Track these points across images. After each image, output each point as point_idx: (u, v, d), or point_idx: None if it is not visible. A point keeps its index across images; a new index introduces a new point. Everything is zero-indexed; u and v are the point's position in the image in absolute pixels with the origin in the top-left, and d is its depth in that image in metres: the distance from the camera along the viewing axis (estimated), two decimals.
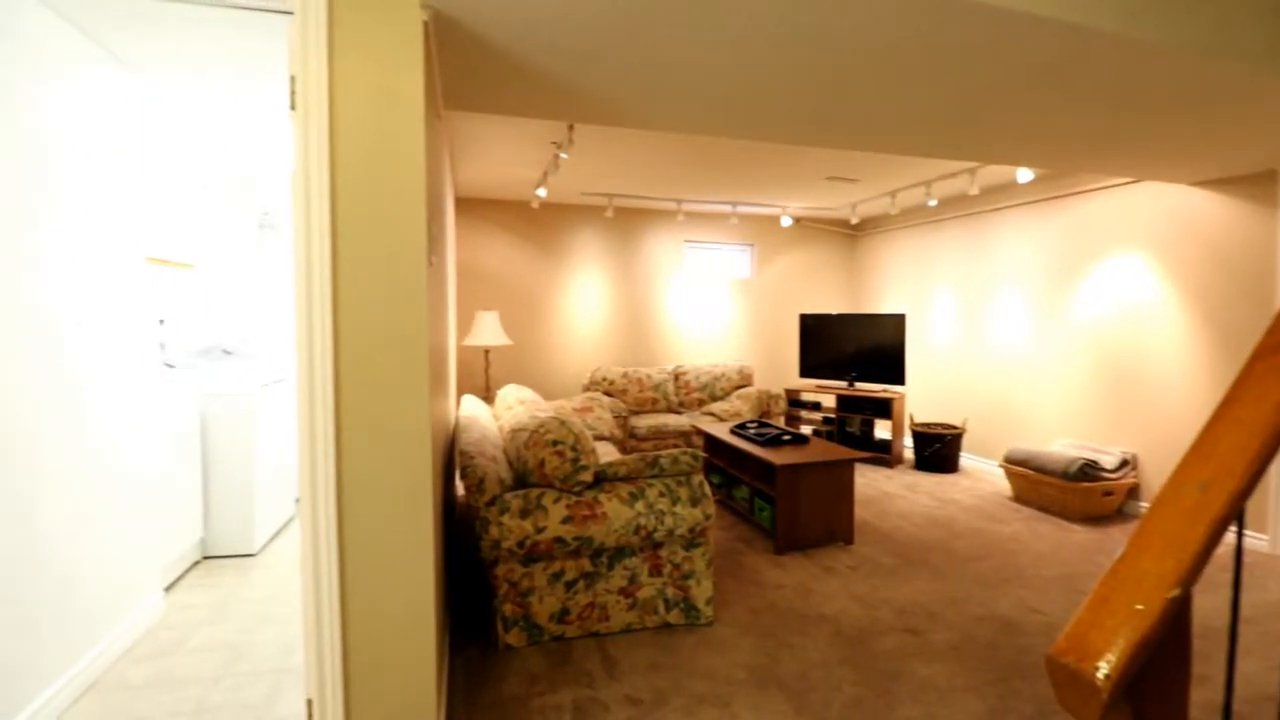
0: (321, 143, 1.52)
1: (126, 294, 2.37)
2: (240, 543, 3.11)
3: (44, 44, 1.96)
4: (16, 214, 1.83)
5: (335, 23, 1.52)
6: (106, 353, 2.22)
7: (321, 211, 1.51)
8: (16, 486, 1.77)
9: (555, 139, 3.81)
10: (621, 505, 2.31)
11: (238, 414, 3.12)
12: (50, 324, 1.94)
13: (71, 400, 2.02)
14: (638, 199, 5.57)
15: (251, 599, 2.67)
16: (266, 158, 3.91)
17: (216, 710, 1.92)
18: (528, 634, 2.29)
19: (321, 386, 1.50)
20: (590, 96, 2.37)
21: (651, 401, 5.42)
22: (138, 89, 2.57)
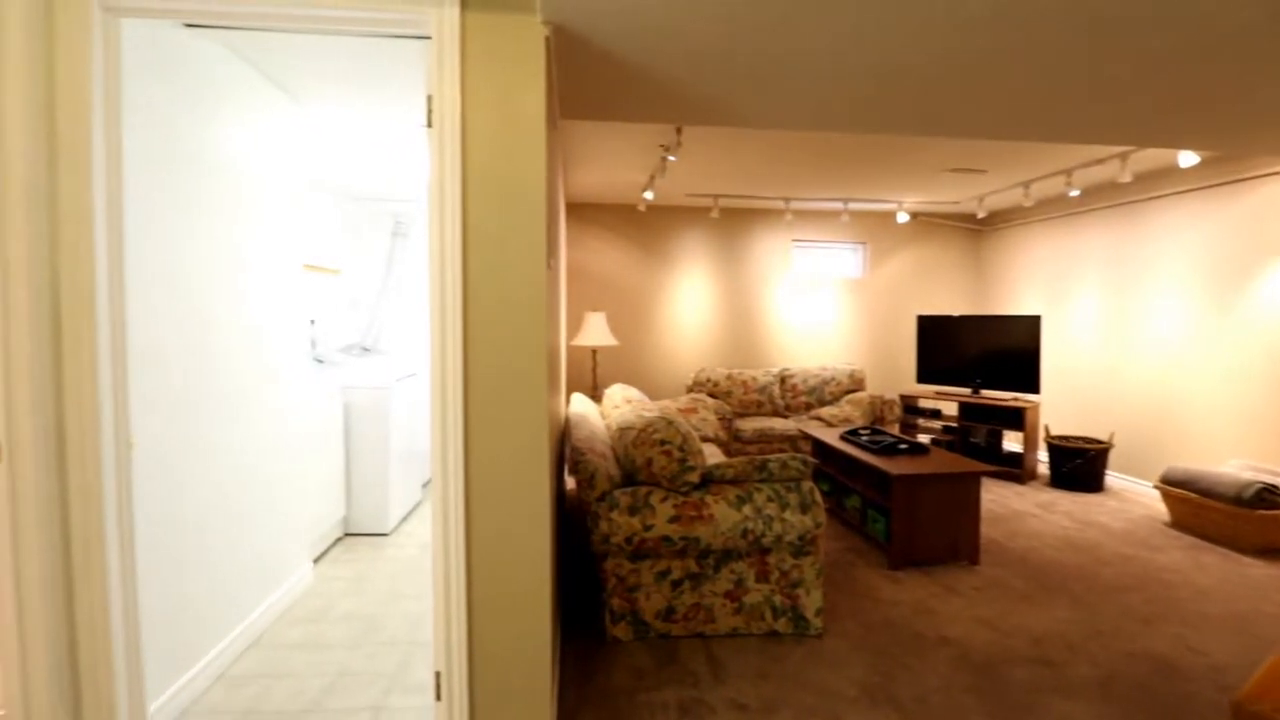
0: (454, 156, 1.63)
1: (288, 297, 2.67)
2: (376, 523, 3.41)
3: (225, 80, 2.25)
4: (218, 227, 2.13)
5: (466, 44, 1.64)
6: (276, 349, 2.52)
7: (454, 220, 1.63)
8: (217, 460, 2.06)
9: (663, 142, 3.86)
10: (729, 508, 2.30)
11: (374, 406, 3.43)
12: (249, 323, 2.24)
13: (255, 386, 2.32)
14: (744, 199, 5.50)
15: (385, 575, 2.92)
16: (399, 171, 4.26)
17: (356, 675, 2.12)
18: (634, 629, 2.34)
19: (453, 381, 1.62)
20: (704, 98, 2.38)
21: (756, 404, 5.33)
22: (299, 115, 2.89)
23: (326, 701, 1.96)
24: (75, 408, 1.54)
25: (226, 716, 1.88)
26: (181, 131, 1.99)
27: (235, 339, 2.26)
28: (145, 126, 1.81)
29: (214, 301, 2.14)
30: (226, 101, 2.24)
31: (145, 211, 1.80)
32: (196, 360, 2.03)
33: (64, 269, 1.54)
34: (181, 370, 1.95)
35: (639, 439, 2.38)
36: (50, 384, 1.52)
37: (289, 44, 2.21)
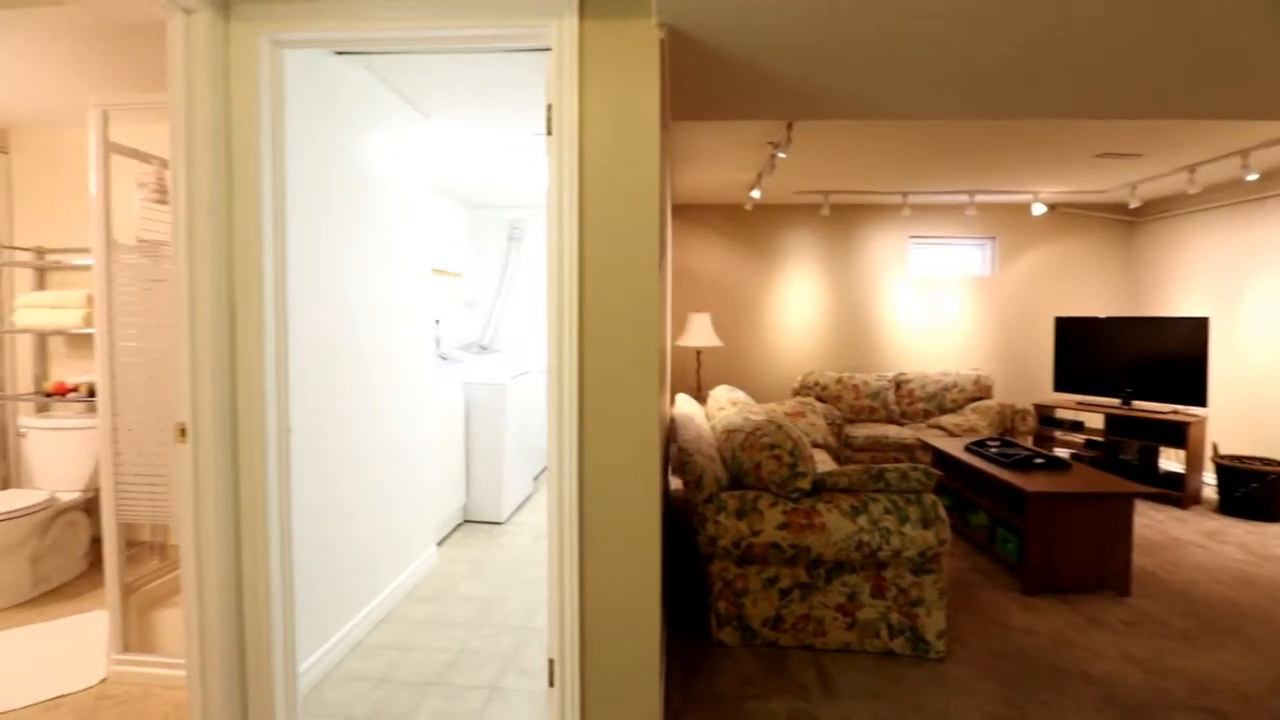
0: (572, 162, 1.68)
1: (420, 299, 2.89)
2: (492, 511, 3.61)
3: (368, 100, 2.46)
4: (361, 235, 2.34)
5: (585, 52, 1.68)
6: (409, 346, 2.74)
7: (571, 223, 1.68)
8: (360, 447, 2.27)
9: (772, 139, 3.77)
10: (842, 518, 2.21)
11: (491, 401, 3.62)
12: (383, 324, 2.46)
13: (392, 381, 2.53)
14: (857, 194, 5.26)
15: (501, 561, 3.08)
16: (516, 179, 4.47)
17: (475, 653, 2.24)
18: (740, 634, 2.30)
19: (568, 380, 1.67)
20: (821, 92, 2.30)
21: (869, 410, 5.08)
22: (429, 130, 3.11)
23: (449, 676, 2.09)
24: (245, 397, 1.75)
25: (363, 682, 2.06)
26: (331, 148, 2.20)
27: (375, 337, 2.47)
28: (301, 144, 2.02)
29: (358, 303, 2.35)
30: (369, 120, 2.46)
31: (301, 222, 2.01)
32: (343, 356, 2.24)
33: (238, 277, 1.75)
34: (331, 365, 2.16)
35: (747, 442, 2.34)
36: (226, 376, 1.73)
37: (422, 65, 2.38)
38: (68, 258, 3.07)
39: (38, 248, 3.09)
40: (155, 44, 2.23)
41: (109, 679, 2.03)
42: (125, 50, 2.28)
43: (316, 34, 1.77)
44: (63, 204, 3.13)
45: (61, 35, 2.16)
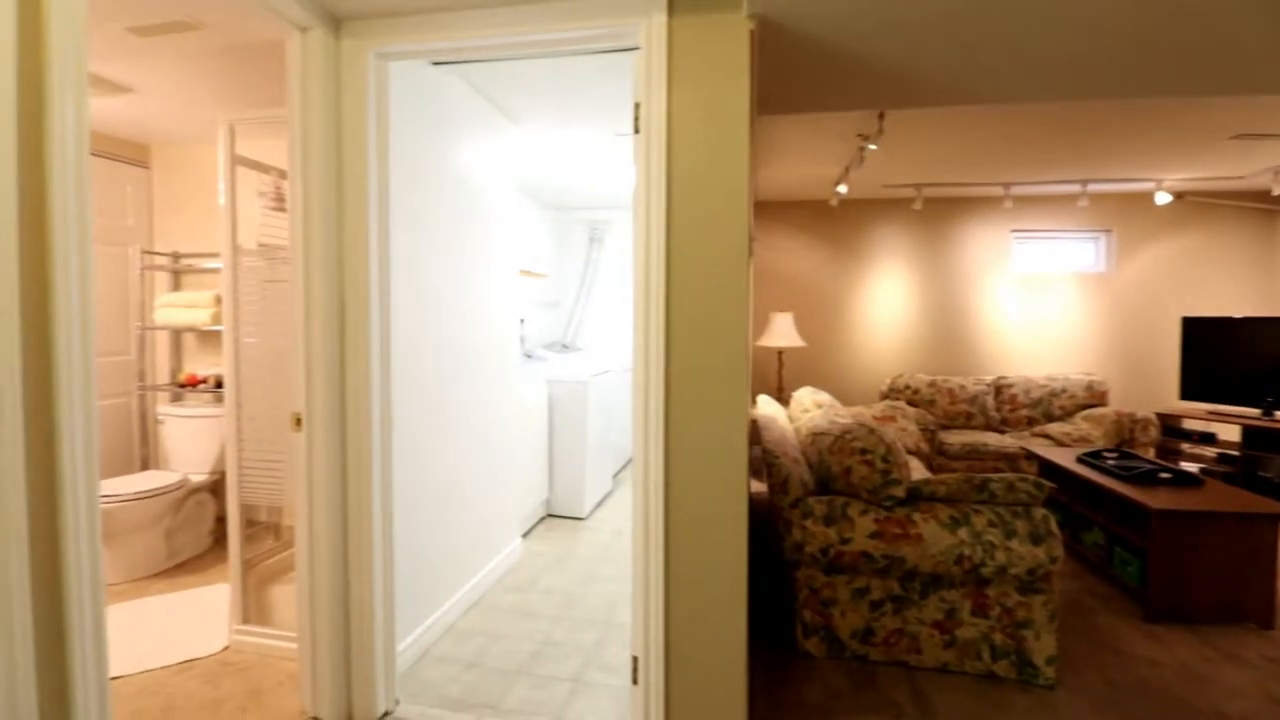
0: (660, 160, 1.67)
1: (509, 299, 2.98)
2: (573, 507, 3.67)
3: (462, 107, 2.56)
4: (456, 238, 2.44)
5: (673, 49, 1.66)
6: (499, 344, 2.83)
7: (659, 221, 1.67)
8: (454, 439, 2.37)
9: (862, 131, 3.62)
10: (940, 529, 2.08)
11: (573, 398, 3.68)
12: (475, 322, 2.55)
13: (484, 377, 2.63)
14: (953, 187, 4.97)
15: (582, 556, 3.12)
16: (598, 182, 4.52)
17: (558, 645, 2.28)
18: (828, 645, 2.22)
19: (655, 379, 1.66)
20: (918, 77, 2.18)
21: (965, 416, 4.79)
22: (518, 135, 3.20)
23: (534, 666, 2.14)
24: (353, 389, 1.86)
25: (455, 665, 2.14)
26: (429, 154, 2.30)
27: (468, 335, 2.57)
28: (402, 152, 2.13)
29: (453, 302, 2.45)
30: (463, 126, 2.55)
31: (401, 226, 2.11)
32: (438, 353, 2.34)
33: (347, 279, 1.86)
34: (427, 361, 2.26)
35: (836, 446, 2.25)
36: (337, 370, 1.85)
37: (512, 72, 2.45)
38: (199, 261, 3.38)
39: (174, 253, 3.43)
40: (274, 63, 2.41)
41: (230, 647, 2.22)
42: (248, 70, 2.48)
43: (418, 45, 1.85)
44: (194, 212, 3.45)
45: (195, 58, 2.37)
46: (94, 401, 1.22)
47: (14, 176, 1.08)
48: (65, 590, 1.17)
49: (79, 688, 1.18)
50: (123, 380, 3.32)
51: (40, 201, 1.13)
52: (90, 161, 1.22)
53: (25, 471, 1.10)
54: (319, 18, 1.80)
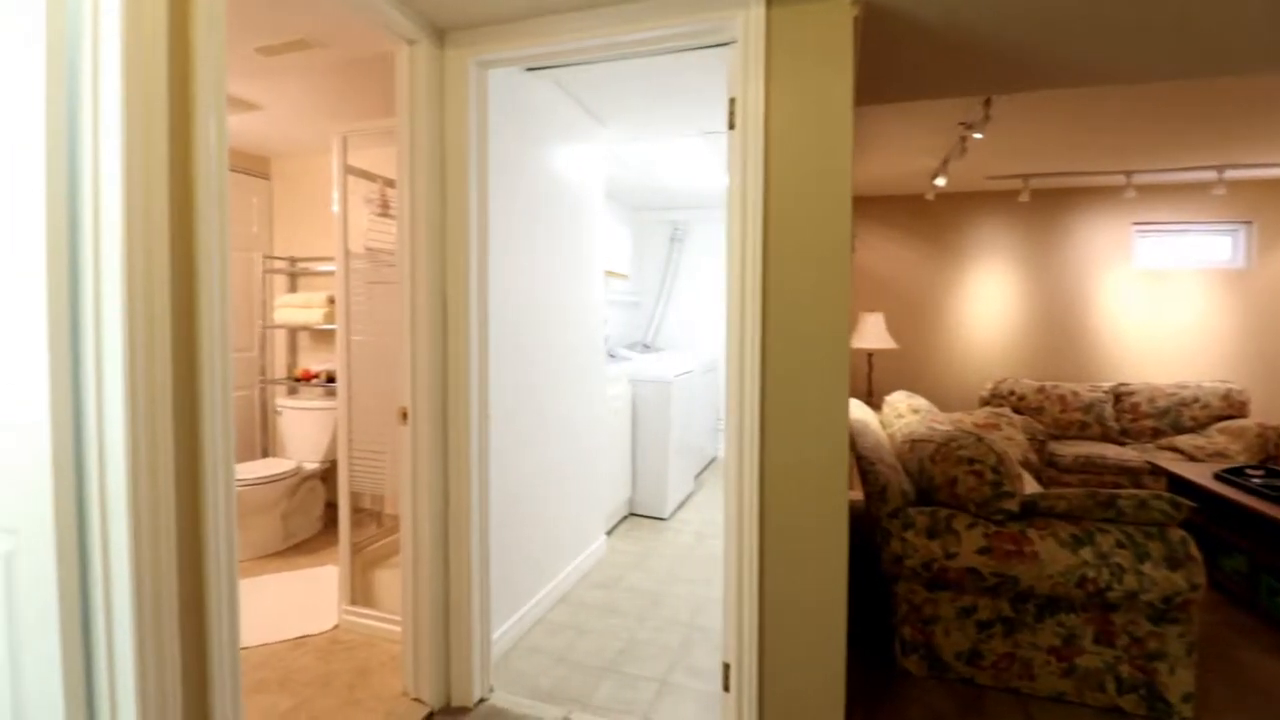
0: (757, 155, 1.63)
1: (595, 299, 3.02)
2: (655, 506, 3.67)
3: (553, 112, 2.61)
4: (547, 240, 2.50)
5: (772, 41, 1.62)
6: (586, 344, 2.87)
7: (755, 219, 1.63)
8: (546, 435, 2.42)
9: (965, 119, 3.41)
10: (1060, 548, 1.92)
11: (656, 398, 3.69)
12: (563, 321, 2.61)
13: (572, 375, 2.68)
14: (1066, 176, 4.60)
15: (666, 556, 3.11)
16: (680, 182, 4.50)
17: (643, 645, 2.28)
18: (928, 664, 2.10)
19: (750, 382, 1.62)
20: (1032, 59, 2.02)
21: (1079, 426, 4.42)
22: (605, 137, 3.23)
23: (622, 664, 2.14)
24: (454, 385, 1.93)
25: (545, 657, 2.19)
26: (522, 158, 2.36)
27: (558, 334, 2.62)
28: (498, 156, 2.19)
29: (543, 302, 2.51)
30: (554, 129, 2.61)
31: (497, 229, 2.17)
32: (530, 351, 2.40)
33: (449, 280, 1.94)
34: (520, 359, 2.32)
35: (939, 454, 2.13)
36: (440, 367, 1.92)
37: (602, 73, 2.48)
38: (312, 265, 3.63)
39: (290, 257, 3.70)
40: (382, 77, 2.54)
41: (340, 626, 2.36)
42: (358, 84, 2.63)
43: (516, 52, 1.90)
44: (308, 220, 3.71)
45: (312, 75, 2.54)
46: (231, 393, 1.32)
47: (166, 190, 1.18)
48: (205, 564, 1.27)
49: (215, 655, 1.28)
50: (247, 374, 3.61)
51: (188, 212, 1.23)
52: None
53: (174, 454, 1.20)
54: (425, 31, 1.88)
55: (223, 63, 1.29)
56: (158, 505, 1.17)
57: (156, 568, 1.17)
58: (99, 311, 1.12)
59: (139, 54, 1.13)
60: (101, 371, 1.13)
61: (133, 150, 1.11)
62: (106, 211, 1.11)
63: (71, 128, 1.12)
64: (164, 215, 1.18)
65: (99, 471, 1.15)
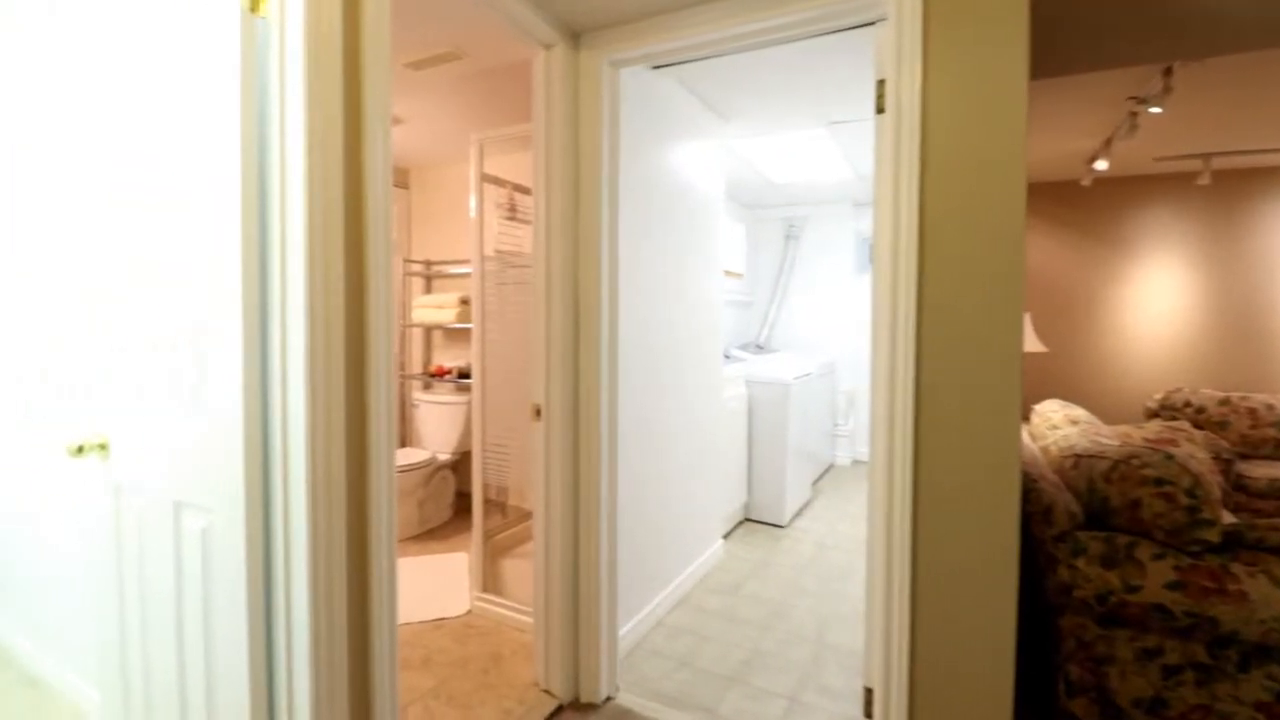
0: (912, 141, 1.50)
1: (714, 298, 2.96)
2: (772, 513, 3.56)
3: (677, 109, 2.58)
4: (670, 239, 2.48)
5: (930, 14, 1.49)
6: (706, 343, 2.83)
7: (909, 211, 1.50)
8: (667, 434, 2.41)
9: (1137, 93, 3.01)
10: (1274, 588, 1.62)
11: (775, 401, 3.57)
12: (685, 321, 2.58)
13: (692, 375, 2.65)
14: (1257, 154, 3.95)
15: (785, 565, 3.00)
16: (799, 173, 4.34)
17: (767, 657, 2.20)
18: (1100, 709, 1.85)
19: (902, 390, 1.50)
20: (1234, 16, 1.73)
21: (1274, 444, 3.79)
22: (726, 133, 3.17)
23: (747, 675, 2.08)
24: (585, 383, 1.95)
25: (667, 661, 2.16)
26: (647, 156, 2.35)
27: (681, 335, 2.59)
28: (625, 156, 2.19)
29: (668, 304, 2.49)
30: (677, 127, 2.58)
31: (625, 229, 2.17)
32: (655, 350, 2.39)
33: (581, 280, 1.96)
34: (647, 360, 2.32)
35: (1116, 473, 1.87)
36: (572, 366, 1.95)
37: (723, 69, 2.43)
38: (445, 268, 3.86)
39: (426, 260, 3.95)
40: (513, 84, 2.63)
41: (472, 611, 2.47)
42: (491, 94, 2.75)
43: (649, 48, 1.88)
44: (441, 226, 3.94)
45: (447, 87, 2.68)
46: (393, 387, 1.40)
47: (341, 207, 1.27)
48: (369, 542, 1.36)
49: (376, 627, 1.36)
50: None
51: (358, 226, 1.32)
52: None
53: (345, 441, 1.29)
54: (561, 34, 1.92)
55: (389, 88, 1.37)
56: (331, 487, 1.26)
57: (329, 543, 1.26)
58: (284, 315, 1.22)
59: (319, 87, 1.21)
60: (286, 366, 1.23)
61: (313, 172, 1.20)
62: (291, 228, 1.21)
63: (261, 156, 1.23)
64: (339, 230, 1.27)
65: (283, 456, 1.25)
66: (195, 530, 1.32)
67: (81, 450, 1.45)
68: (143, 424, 1.39)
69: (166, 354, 1.33)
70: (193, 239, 1.28)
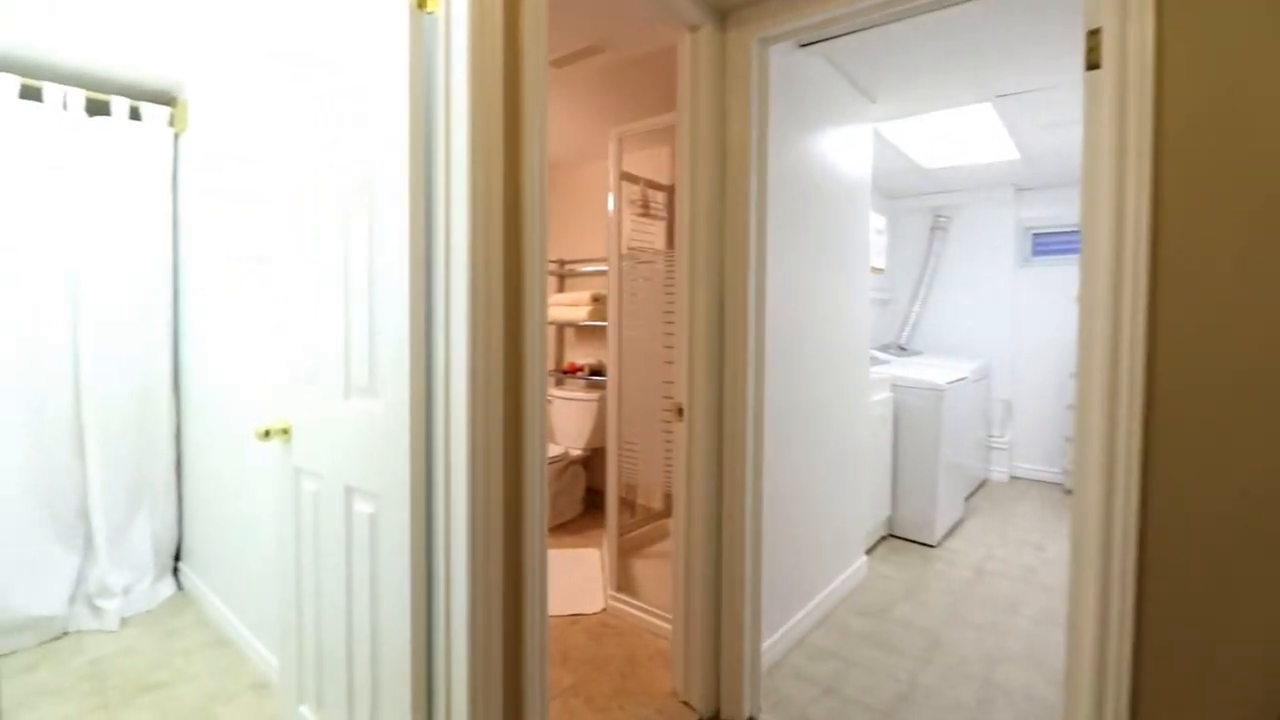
0: (1141, 101, 1.24)
1: (858, 294, 2.74)
2: (920, 530, 3.25)
3: (823, 90, 2.40)
4: (816, 231, 2.32)
5: None
6: (852, 344, 2.62)
7: (1137, 185, 1.24)
8: (811, 439, 2.25)
9: None
10: None
11: (925, 407, 3.25)
12: (838, 319, 2.41)
13: (837, 377, 2.46)
14: None
15: (939, 591, 2.71)
16: (947, 158, 3.94)
17: (929, 693, 1.97)
18: None
19: (1125, 398, 1.25)
20: None
21: None
22: (873, 115, 2.92)
23: (905, 712, 1.87)
24: (730, 383, 1.84)
25: (811, 685, 2.00)
26: (794, 142, 2.19)
27: (828, 335, 2.41)
28: (771, 140, 2.05)
29: (813, 301, 2.32)
30: (824, 110, 2.40)
31: (773, 222, 2.04)
32: (799, 349, 2.23)
33: (727, 276, 1.85)
34: (793, 360, 2.17)
35: None
36: (716, 366, 1.85)
37: (875, 44, 2.23)
38: (577, 266, 3.92)
39: (559, 259, 4.03)
40: (649, 75, 2.58)
41: (607, 610, 2.45)
42: (627, 88, 2.71)
43: (799, 21, 1.75)
44: (573, 224, 4.00)
45: (585, 81, 2.67)
46: (545, 381, 1.38)
47: (501, 209, 1.26)
48: (523, 532, 1.35)
49: (528, 617, 1.35)
50: None
51: (515, 227, 1.31)
52: None
53: (502, 434, 1.29)
54: (708, 13, 1.83)
55: (545, 84, 1.35)
56: (490, 477, 1.26)
57: (488, 536, 1.26)
58: (449, 311, 1.23)
59: (482, 85, 1.21)
60: (449, 363, 1.24)
61: (476, 168, 1.19)
62: (455, 223, 1.21)
63: (428, 153, 1.24)
64: (499, 231, 1.26)
65: (445, 448, 1.26)
66: (364, 515, 1.37)
67: (268, 435, 1.57)
68: (320, 412, 1.48)
69: (341, 348, 1.40)
70: (364, 228, 1.33)
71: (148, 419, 2.50)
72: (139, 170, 2.45)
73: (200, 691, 1.91)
